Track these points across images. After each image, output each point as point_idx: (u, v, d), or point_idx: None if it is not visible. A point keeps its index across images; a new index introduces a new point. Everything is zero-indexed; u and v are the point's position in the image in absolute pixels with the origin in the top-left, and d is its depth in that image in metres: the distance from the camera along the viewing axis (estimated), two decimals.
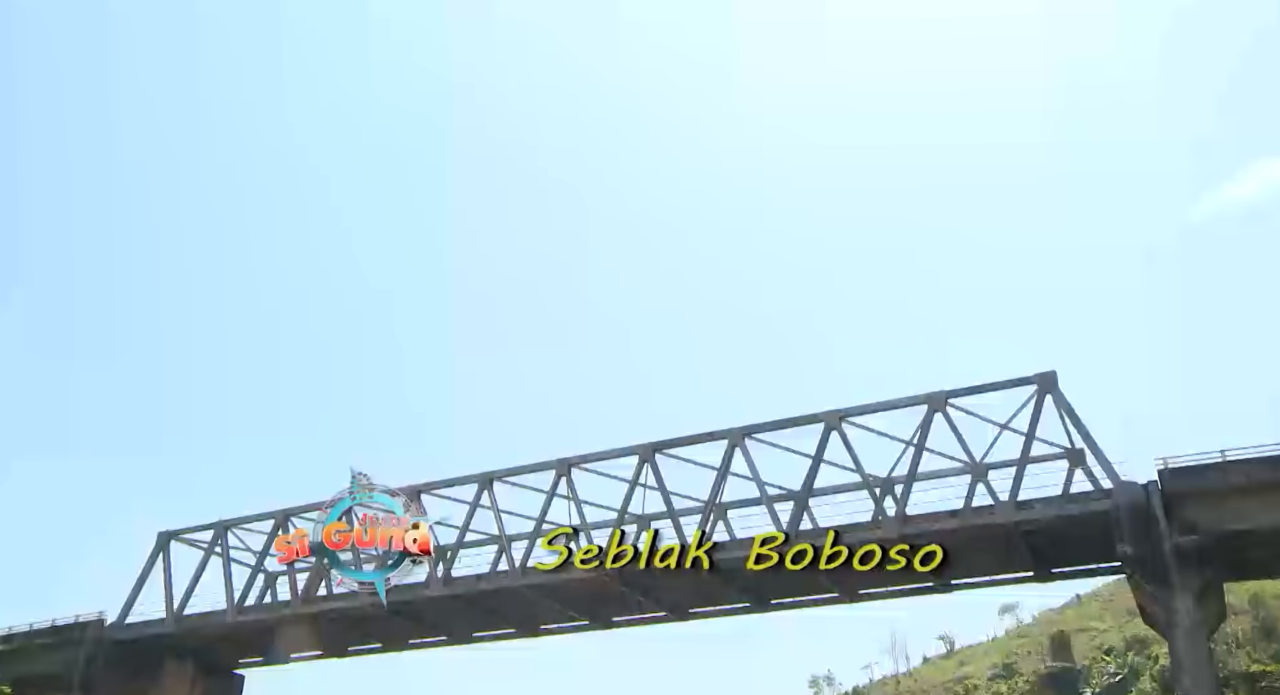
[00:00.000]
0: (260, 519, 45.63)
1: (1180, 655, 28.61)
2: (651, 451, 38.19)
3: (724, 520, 39.69)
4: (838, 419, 35.71)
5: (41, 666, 45.62)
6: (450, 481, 42.38)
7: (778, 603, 40.78)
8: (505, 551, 40.26)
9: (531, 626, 44.42)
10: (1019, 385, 34.19)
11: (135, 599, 46.05)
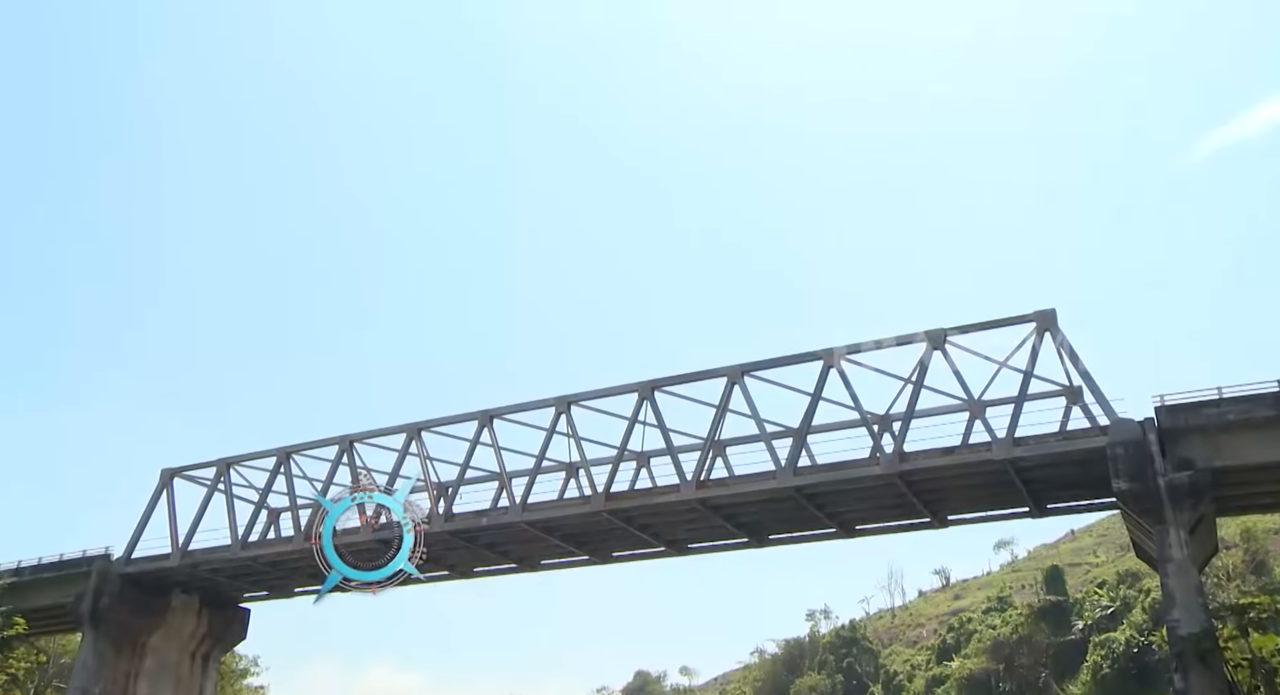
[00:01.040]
0: (262, 456, 45.95)
1: (1171, 588, 28.97)
2: (650, 389, 38.25)
3: (723, 457, 39.97)
4: (836, 356, 35.71)
5: (50, 599, 46.39)
6: (451, 419, 42.54)
7: (775, 538, 41.23)
8: (506, 488, 40.60)
9: (532, 561, 44.96)
10: (1018, 323, 34.16)
11: (140, 535, 46.57)
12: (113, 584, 45.31)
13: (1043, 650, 67.48)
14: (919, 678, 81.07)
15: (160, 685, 46.19)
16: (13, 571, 46.43)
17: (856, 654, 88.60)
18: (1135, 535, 34.02)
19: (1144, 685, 56.28)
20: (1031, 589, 79.85)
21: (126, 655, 45.38)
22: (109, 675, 44.43)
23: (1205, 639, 28.03)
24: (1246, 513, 48.60)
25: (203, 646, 48.30)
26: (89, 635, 45.31)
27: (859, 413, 35.80)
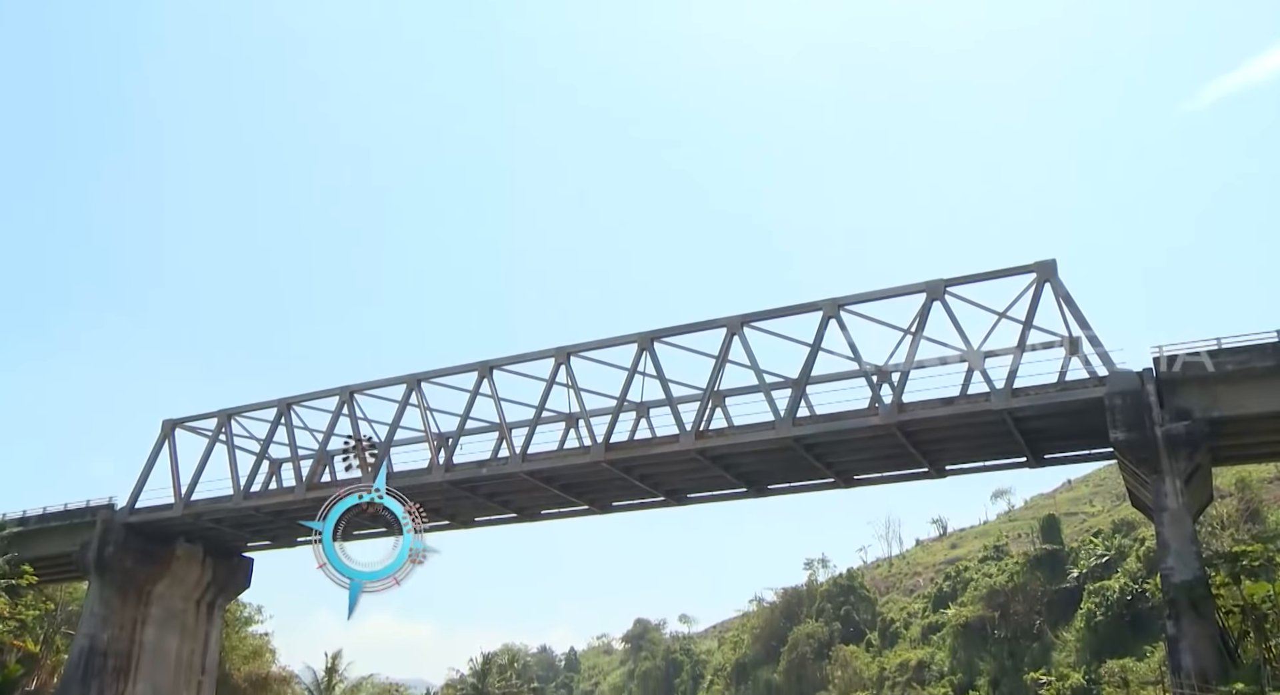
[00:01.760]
0: (263, 407, 46.12)
1: (1166, 537, 29.24)
2: (650, 339, 38.27)
3: (722, 408, 40.09)
4: (836, 307, 35.69)
5: (55, 548, 46.90)
6: (450, 370, 42.62)
7: (774, 488, 41.49)
8: (506, 439, 40.78)
9: (532, 511, 45.30)
10: (1018, 274, 34.10)
11: (143, 485, 46.88)
12: (117, 533, 45.75)
13: (1038, 598, 68.21)
14: (915, 625, 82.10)
15: (166, 632, 46.84)
16: (18, 521, 46.85)
17: (854, 602, 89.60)
18: (1131, 485, 34.25)
19: (1137, 632, 56.97)
20: (1028, 538, 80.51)
21: (132, 603, 45.97)
22: (116, 622, 45.05)
23: (1198, 586, 28.35)
24: (1242, 462, 48.89)
25: (207, 595, 48.89)
26: (95, 583, 45.85)
27: (858, 363, 35.86)
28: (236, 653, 53.48)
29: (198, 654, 48.09)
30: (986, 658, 67.95)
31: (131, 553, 45.85)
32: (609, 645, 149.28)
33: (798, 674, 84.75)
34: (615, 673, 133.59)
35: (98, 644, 44.29)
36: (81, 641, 44.65)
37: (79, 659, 44.15)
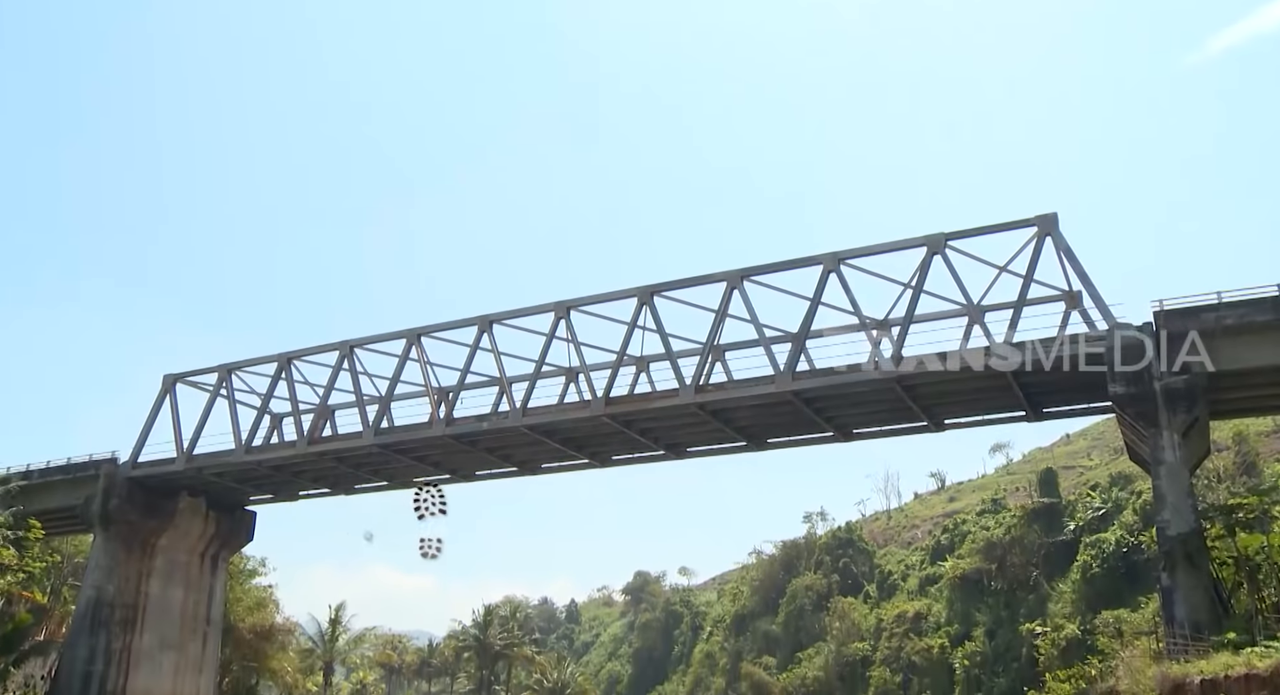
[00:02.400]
0: (263, 362, 46.20)
1: (1163, 490, 29.38)
2: (650, 294, 38.20)
3: (722, 362, 40.12)
4: (836, 261, 35.56)
5: (60, 501, 47.27)
6: (450, 324, 42.61)
7: (774, 442, 41.64)
8: (506, 393, 40.86)
9: (533, 465, 45.53)
10: (1019, 227, 33.94)
11: (145, 439, 47.14)
12: (120, 487, 46.05)
13: (1035, 550, 68.70)
14: (913, 577, 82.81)
15: (171, 584, 47.34)
16: (22, 474, 47.14)
17: (852, 554, 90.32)
18: (1129, 438, 34.34)
19: (1131, 583, 57.49)
20: (1025, 491, 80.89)
21: (137, 555, 46.40)
22: (121, 574, 45.52)
23: (1193, 539, 28.55)
24: (1241, 416, 48.99)
25: (211, 547, 49.33)
26: (100, 536, 46.24)
27: (858, 317, 35.82)
28: (240, 604, 54.02)
29: (202, 605, 48.65)
30: (983, 609, 68.61)
31: (135, 506, 46.20)
32: (609, 597, 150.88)
33: (796, 625, 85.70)
34: (615, 624, 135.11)
35: (104, 596, 44.80)
36: (88, 593, 45.14)
37: (86, 610, 44.68)
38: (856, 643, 77.28)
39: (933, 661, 68.45)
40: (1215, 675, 21.77)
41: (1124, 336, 30.73)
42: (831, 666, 77.93)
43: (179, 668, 46.78)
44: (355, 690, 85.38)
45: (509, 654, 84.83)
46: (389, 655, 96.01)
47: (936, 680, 67.34)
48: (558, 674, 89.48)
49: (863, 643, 77.27)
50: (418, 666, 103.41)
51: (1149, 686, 23.89)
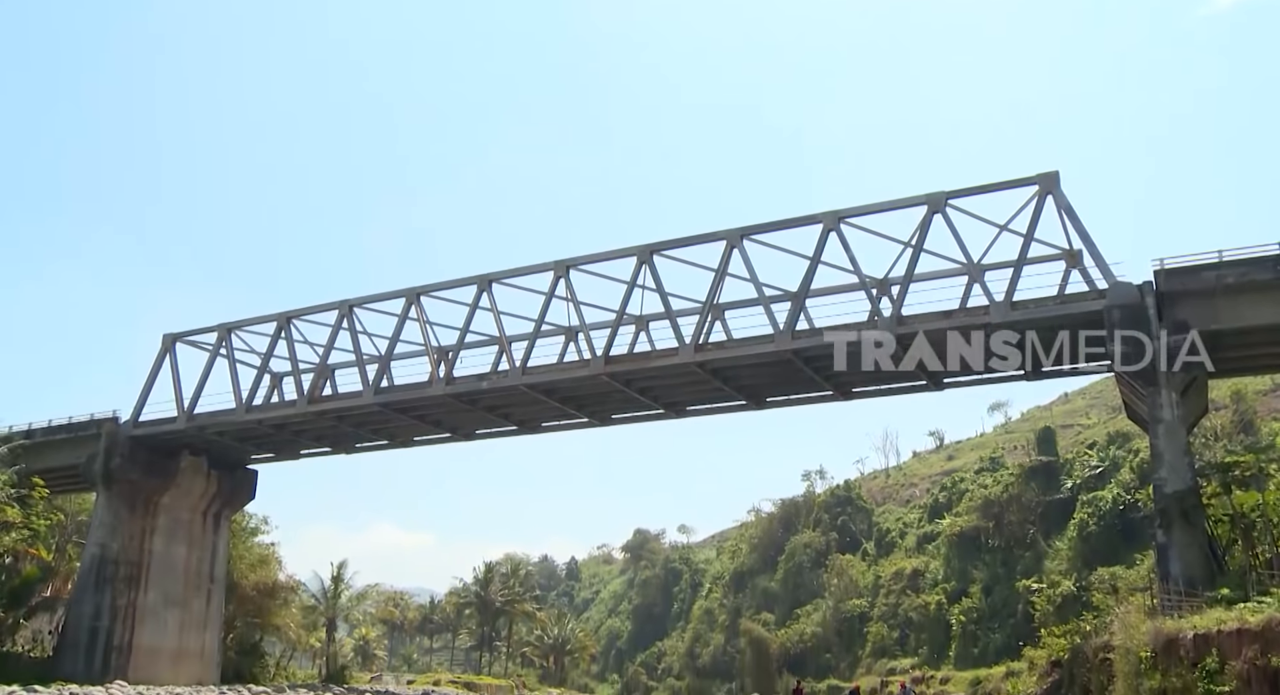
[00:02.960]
0: (262, 321, 46.20)
1: (1160, 448, 29.50)
2: (649, 252, 38.13)
3: (721, 321, 40.11)
4: (836, 219, 35.45)
5: (62, 460, 47.44)
6: (450, 283, 42.55)
7: (773, 401, 41.74)
8: (505, 352, 40.91)
9: (532, 424, 45.68)
10: (1020, 186, 33.79)
11: (146, 399, 47.25)
12: (122, 446, 46.25)
13: (1032, 508, 69.15)
14: (910, 535, 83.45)
15: (175, 542, 47.70)
16: (24, 433, 47.31)
17: (851, 512, 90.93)
18: (1128, 397, 34.43)
19: (1127, 540, 57.95)
20: (1023, 450, 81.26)
21: (140, 514, 46.71)
22: (125, 532, 45.86)
23: (1189, 496, 28.72)
24: (1240, 374, 49.17)
25: (213, 506, 49.65)
26: (102, 495, 46.51)
27: (858, 276, 35.78)
28: (243, 562, 54.47)
29: (206, 563, 49.07)
30: (980, 566, 69.20)
31: (137, 465, 46.43)
32: (609, 554, 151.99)
33: (795, 582, 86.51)
34: (615, 581, 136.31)
35: (108, 553, 45.15)
36: (92, 550, 45.49)
37: (91, 567, 45.05)
38: (854, 599, 78.04)
39: (929, 617, 69.17)
40: (1208, 630, 21.99)
41: (1124, 296, 30.71)
42: (829, 622, 78.80)
43: (184, 624, 47.30)
44: (358, 646, 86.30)
45: (510, 610, 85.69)
46: (391, 612, 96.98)
47: (933, 636, 68.09)
48: (558, 630, 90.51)
49: (860, 599, 78.03)
50: (419, 623, 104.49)
51: (1142, 642, 24.11)
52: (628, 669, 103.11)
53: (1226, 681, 20.74)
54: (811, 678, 70.11)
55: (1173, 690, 22.42)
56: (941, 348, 33.61)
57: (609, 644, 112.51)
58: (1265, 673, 19.76)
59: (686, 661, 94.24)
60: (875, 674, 67.14)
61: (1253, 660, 20.07)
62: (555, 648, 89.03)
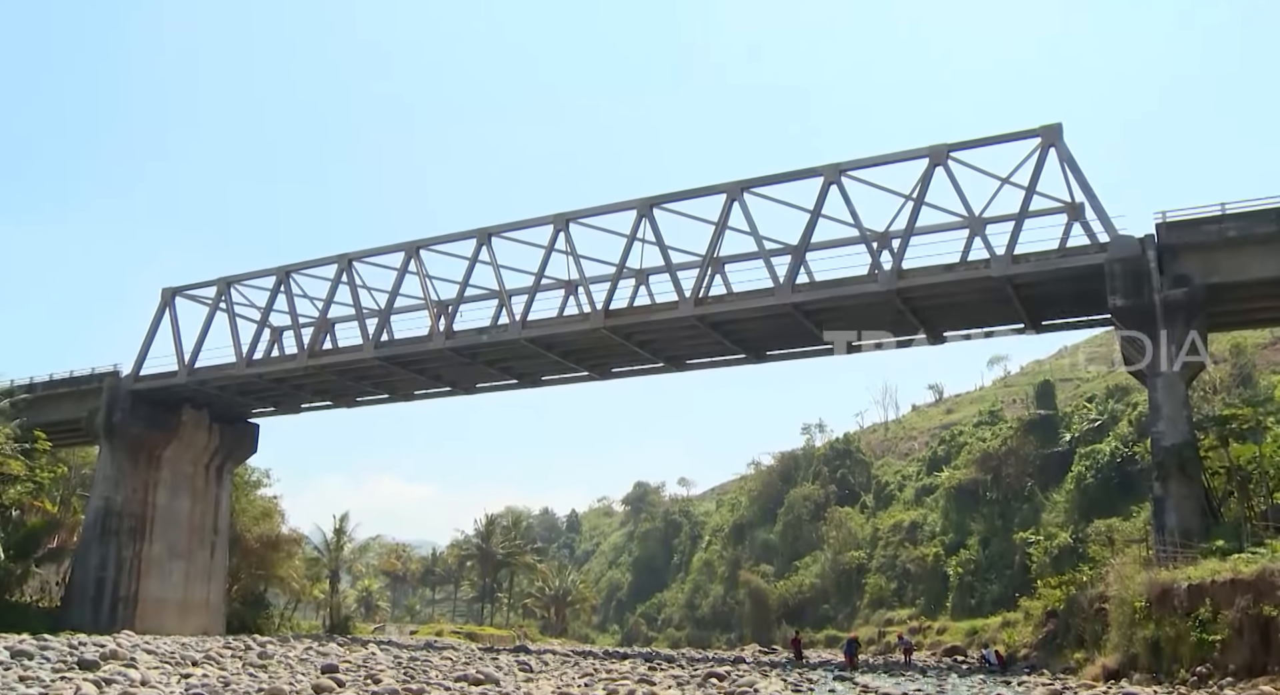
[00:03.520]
0: (261, 275, 46.13)
1: (1159, 401, 29.60)
2: (649, 206, 37.97)
3: (721, 274, 40.05)
4: (837, 172, 35.26)
5: (64, 414, 47.68)
6: (449, 237, 42.42)
7: (773, 354, 41.80)
8: (505, 306, 40.89)
9: (533, 378, 45.78)
10: (1022, 138, 33.56)
11: (146, 353, 47.32)
12: (123, 400, 46.41)
13: (1030, 461, 69.50)
14: (909, 488, 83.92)
15: (178, 495, 48.03)
16: (25, 387, 47.42)
17: (850, 465, 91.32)
18: (1127, 351, 34.44)
19: (1124, 493, 58.29)
20: (1022, 403, 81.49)
21: (143, 467, 47.00)
22: (128, 485, 46.17)
23: (1186, 449, 28.86)
24: (1240, 328, 49.18)
25: (215, 459, 49.92)
26: (105, 448, 46.76)
27: (858, 230, 35.67)
28: (246, 515, 54.87)
29: (209, 515, 49.47)
30: (978, 519, 69.69)
31: (139, 418, 46.63)
32: (609, 507, 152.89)
33: (794, 534, 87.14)
34: (616, 533, 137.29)
35: (112, 505, 45.49)
36: (97, 503, 45.83)
37: (95, 519, 45.41)
38: (853, 551, 78.64)
39: (927, 569, 69.78)
40: (1202, 581, 22.21)
41: (1125, 249, 30.64)
42: (828, 574, 79.51)
43: (189, 575, 47.80)
44: (361, 597, 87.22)
45: (511, 562, 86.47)
46: (393, 563, 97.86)
47: (930, 587, 68.76)
48: (559, 581, 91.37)
49: (859, 551, 78.65)
50: (421, 574, 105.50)
51: (1137, 592, 24.38)
52: (628, 620, 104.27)
53: (1219, 631, 20.99)
54: (810, 628, 70.84)
55: (1166, 640, 22.71)
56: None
57: (609, 595, 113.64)
58: (1257, 622, 19.98)
59: (686, 612, 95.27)
60: (873, 624, 67.87)
61: (1245, 610, 20.29)
62: (556, 599, 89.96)
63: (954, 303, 36.09)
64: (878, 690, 22.98)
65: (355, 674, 21.64)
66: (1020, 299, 34.29)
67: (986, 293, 34.38)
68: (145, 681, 17.46)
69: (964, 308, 36.69)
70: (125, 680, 17.55)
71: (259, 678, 20.09)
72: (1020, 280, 33.21)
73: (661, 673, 26.57)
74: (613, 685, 21.21)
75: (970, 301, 35.78)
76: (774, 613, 79.83)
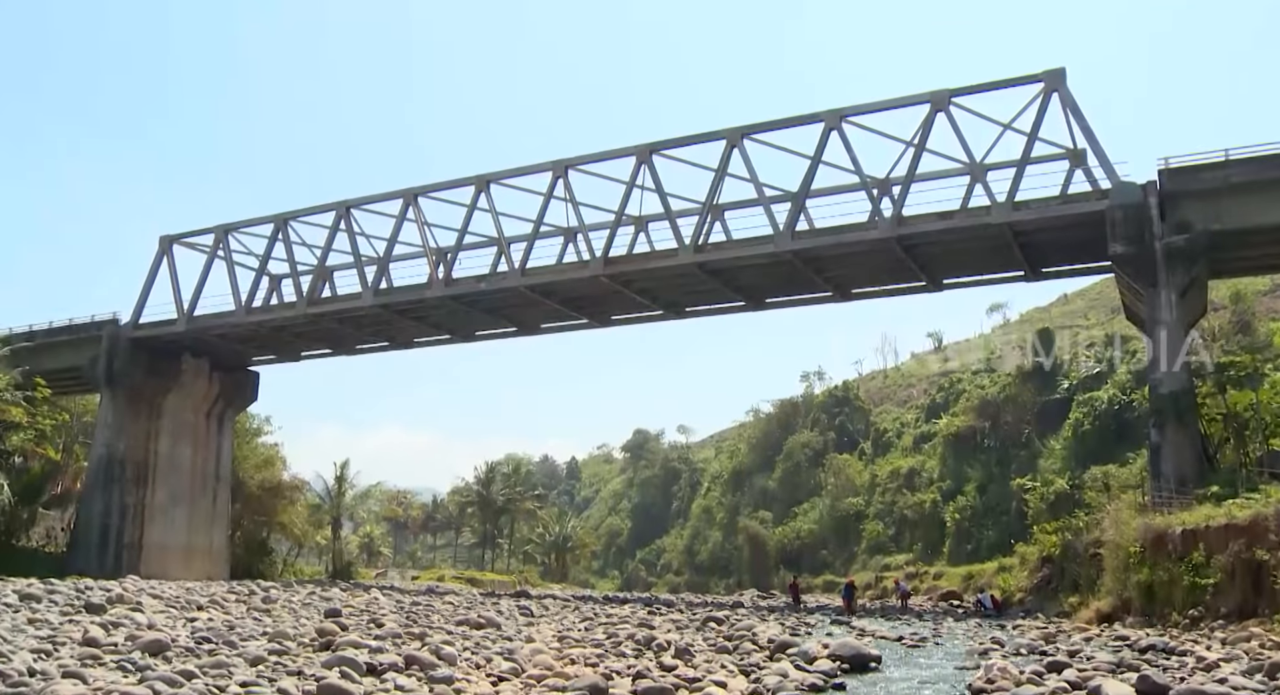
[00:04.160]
0: (259, 223, 45.94)
1: (1158, 349, 29.61)
2: (649, 152, 37.70)
3: (721, 221, 39.90)
4: (838, 118, 34.96)
5: (64, 362, 47.79)
6: (447, 184, 42.20)
7: (773, 302, 41.78)
8: (504, 253, 40.77)
9: (532, 325, 45.78)
10: (1025, 83, 33.20)
11: (145, 301, 47.30)
12: (123, 348, 46.47)
13: (1028, 409, 69.66)
14: (907, 435, 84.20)
15: (179, 443, 48.28)
16: (25, 335, 47.44)
17: (848, 413, 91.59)
18: (1127, 298, 34.43)
19: (1121, 440, 58.45)
20: (1021, 351, 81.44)
21: (145, 415, 47.19)
22: (130, 433, 46.39)
23: (1184, 396, 28.98)
24: (1241, 275, 48.95)
25: (216, 407, 50.11)
26: (106, 396, 46.93)
27: (859, 176, 35.45)
28: (248, 462, 55.22)
29: (211, 463, 49.78)
30: (975, 465, 69.99)
31: (139, 366, 46.75)
32: (609, 454, 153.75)
33: (792, 481, 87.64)
34: (615, 480, 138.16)
35: (115, 453, 45.75)
36: (99, 451, 46.09)
37: (98, 467, 45.71)
38: (851, 498, 79.12)
39: (924, 515, 70.27)
40: (1196, 526, 22.43)
41: (1127, 195, 30.48)
42: (826, 520, 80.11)
43: (192, 522, 48.22)
44: (363, 543, 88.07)
45: (511, 509, 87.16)
46: (395, 510, 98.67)
47: (928, 533, 69.28)
48: (559, 528, 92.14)
49: (857, 498, 79.13)
50: (423, 521, 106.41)
51: (1132, 537, 24.62)
52: (628, 566, 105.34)
53: (1211, 575, 21.24)
54: (808, 574, 71.55)
55: (1159, 584, 22.99)
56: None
57: (609, 541, 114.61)
58: (1249, 566, 20.21)
59: (685, 558, 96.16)
60: (870, 570, 68.54)
61: (1238, 554, 20.52)
62: (556, 545, 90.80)
63: (954, 250, 35.99)
64: (874, 634, 23.28)
65: (358, 618, 21.92)
66: (1020, 246, 34.20)
67: (987, 240, 34.28)
68: (152, 625, 17.69)
69: (964, 255, 36.60)
70: (132, 624, 17.79)
71: (263, 622, 20.36)
72: (1021, 227, 33.09)
73: (661, 617, 26.92)
74: (613, 629, 21.52)
75: (970, 249, 35.68)
76: (772, 558, 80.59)
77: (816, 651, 16.75)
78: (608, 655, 16.09)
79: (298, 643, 16.27)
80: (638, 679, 12.95)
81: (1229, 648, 17.05)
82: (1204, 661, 15.08)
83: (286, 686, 11.29)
